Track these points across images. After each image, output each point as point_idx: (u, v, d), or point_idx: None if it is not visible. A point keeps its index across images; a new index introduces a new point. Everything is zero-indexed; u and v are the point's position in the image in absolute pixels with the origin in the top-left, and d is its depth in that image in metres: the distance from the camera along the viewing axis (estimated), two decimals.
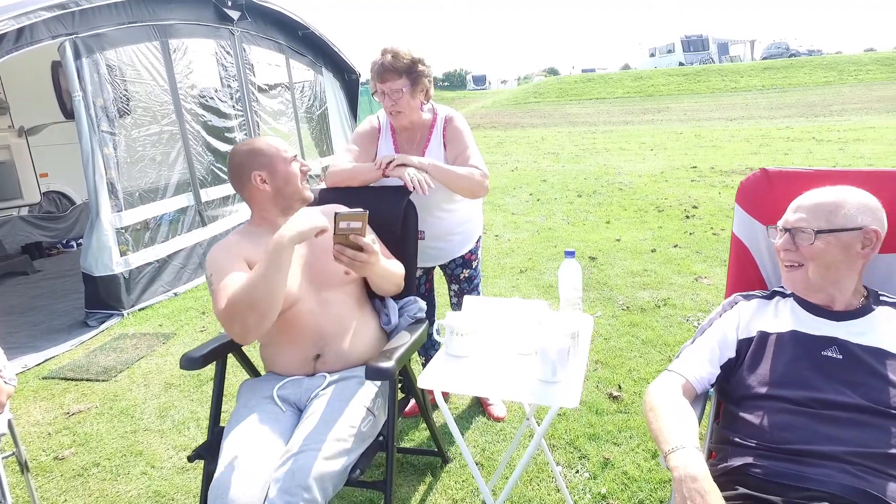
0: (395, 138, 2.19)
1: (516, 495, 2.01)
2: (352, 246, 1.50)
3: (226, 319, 1.48)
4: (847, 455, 1.09)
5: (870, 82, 19.86)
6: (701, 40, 35.50)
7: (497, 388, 1.35)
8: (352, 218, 1.47)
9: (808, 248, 1.28)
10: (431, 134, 2.15)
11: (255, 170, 1.67)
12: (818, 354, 1.23)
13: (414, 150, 2.15)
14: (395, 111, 2.04)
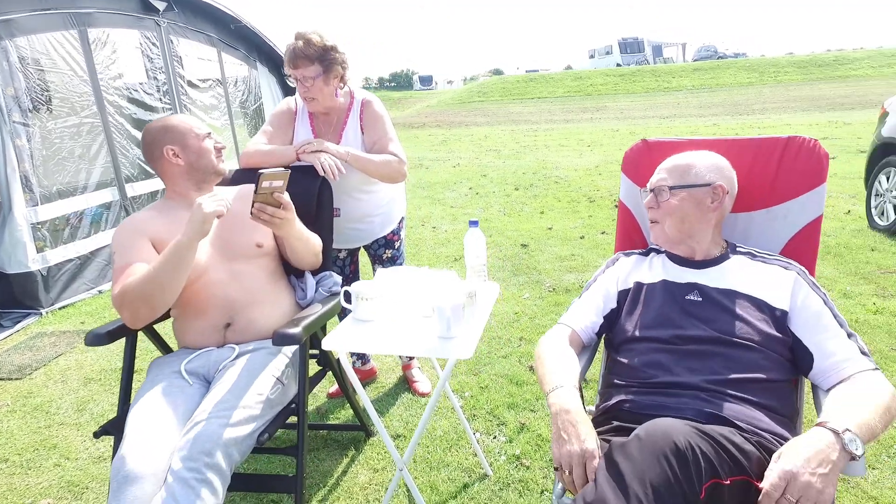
0: (312, 121, 2.21)
1: (436, 461, 2.08)
2: (272, 204, 1.55)
3: (117, 305, 1.53)
4: (702, 383, 1.22)
5: (787, 83, 21.27)
6: (637, 42, 36.96)
7: (398, 346, 1.42)
8: (274, 177, 1.51)
9: (665, 204, 1.42)
10: (348, 117, 2.18)
11: (168, 144, 1.69)
12: (682, 299, 1.37)
13: (331, 133, 2.18)
14: (309, 97, 2.06)
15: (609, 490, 0.94)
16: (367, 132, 2.17)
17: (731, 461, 1.01)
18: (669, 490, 0.91)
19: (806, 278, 1.35)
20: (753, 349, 1.26)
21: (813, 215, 1.45)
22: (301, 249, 1.77)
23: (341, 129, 2.18)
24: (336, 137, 2.16)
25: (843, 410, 1.07)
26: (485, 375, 2.69)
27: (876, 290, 3.38)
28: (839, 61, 22.85)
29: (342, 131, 2.17)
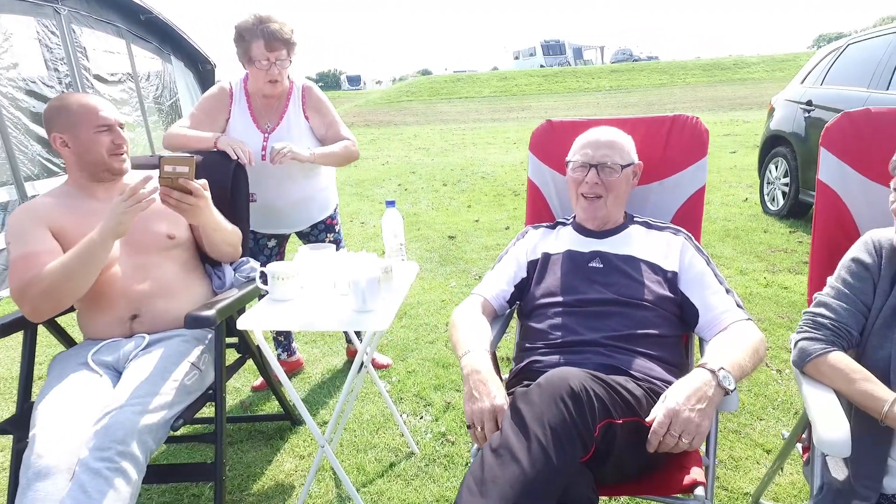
0: (250, 105, 2.18)
1: (363, 444, 2.10)
2: (180, 189, 1.50)
3: (16, 298, 1.45)
4: (601, 339, 1.32)
5: (694, 85, 22.78)
6: (559, 45, 38.33)
7: (314, 322, 1.43)
8: (177, 162, 1.47)
9: (611, 181, 1.51)
10: (289, 101, 2.19)
11: (56, 131, 1.57)
12: (586, 266, 1.47)
13: (271, 116, 2.18)
14: (277, 80, 2.07)
15: (512, 434, 1.01)
16: (317, 117, 2.21)
17: (623, 404, 1.10)
18: (566, 429, 0.98)
19: (692, 242, 1.49)
20: (648, 308, 1.38)
21: (698, 185, 1.60)
22: (218, 240, 1.73)
23: (282, 113, 2.18)
24: (276, 121, 2.17)
25: (718, 353, 1.20)
26: (412, 360, 2.73)
27: (767, 267, 3.71)
28: (738, 65, 24.80)
29: (282, 115, 2.18)
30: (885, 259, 1.16)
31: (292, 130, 2.17)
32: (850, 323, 1.16)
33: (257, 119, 2.16)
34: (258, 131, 2.15)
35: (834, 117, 1.41)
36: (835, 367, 1.11)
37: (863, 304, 1.16)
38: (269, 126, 2.17)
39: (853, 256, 1.20)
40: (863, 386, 1.07)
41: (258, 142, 2.13)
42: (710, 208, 5.34)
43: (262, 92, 2.13)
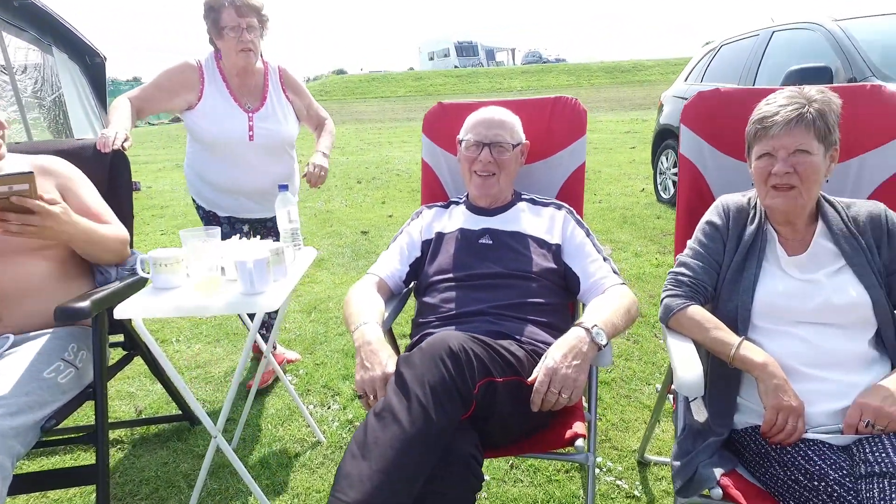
0: (227, 84, 2.08)
1: (267, 438, 2.05)
2: (18, 211, 1.33)
3: None
4: (488, 309, 1.37)
5: (599, 86, 24.02)
6: (472, 46, 39.04)
7: (199, 308, 1.37)
8: (12, 181, 1.31)
9: (503, 159, 1.56)
10: (268, 81, 2.14)
11: None
12: (476, 243, 1.52)
13: (251, 95, 2.11)
14: (248, 49, 1.98)
15: (394, 396, 1.02)
16: (295, 98, 2.21)
17: (504, 363, 1.15)
18: (445, 388, 1.02)
19: (573, 216, 1.58)
20: (534, 279, 1.44)
21: (578, 162, 1.70)
22: (94, 252, 1.58)
23: (264, 92, 2.13)
24: (258, 100, 2.11)
25: (593, 313, 1.28)
26: (320, 353, 2.69)
27: (659, 249, 4.00)
28: (637, 68, 26.47)
29: (265, 95, 2.13)
30: (731, 220, 1.29)
31: (277, 110, 2.12)
32: (705, 279, 1.28)
33: (238, 98, 2.08)
34: (241, 111, 2.07)
35: (691, 96, 1.55)
36: (692, 318, 1.23)
37: (715, 262, 1.29)
38: (250, 106, 2.09)
39: (706, 220, 1.33)
40: (714, 333, 1.19)
41: (243, 122, 2.06)
42: (610, 199, 5.67)
43: (235, 66, 2.04)
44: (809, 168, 1.16)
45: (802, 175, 1.16)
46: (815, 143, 1.15)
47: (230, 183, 2.16)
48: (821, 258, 1.20)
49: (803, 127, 1.15)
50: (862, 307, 1.15)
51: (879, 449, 1.01)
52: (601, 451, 1.88)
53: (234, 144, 2.07)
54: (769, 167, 1.19)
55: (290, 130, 2.18)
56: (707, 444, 1.15)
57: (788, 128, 1.16)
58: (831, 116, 1.16)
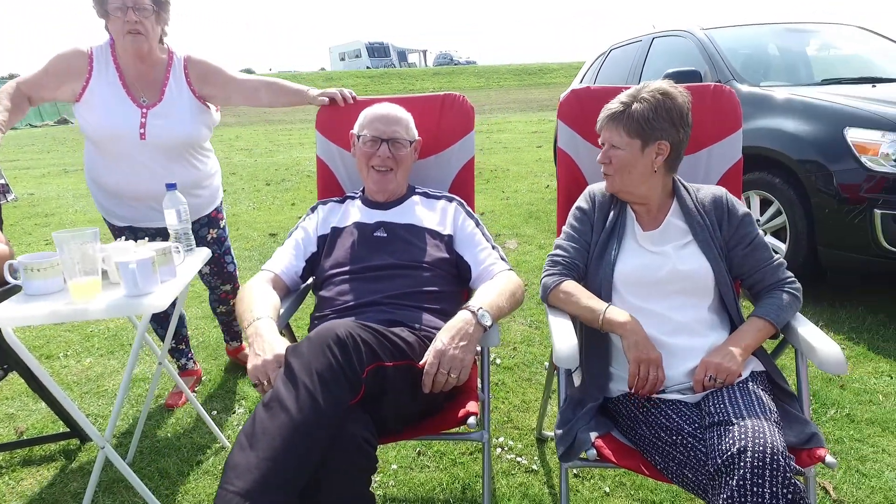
0: (121, 75, 1.86)
1: (166, 447, 1.97)
2: None
3: None
4: (382, 299, 1.42)
5: (507, 87, 24.86)
6: (383, 47, 38.96)
7: (78, 312, 1.31)
8: None
9: (401, 155, 1.60)
10: (169, 73, 1.92)
11: None
12: (371, 236, 1.56)
13: (149, 89, 1.89)
14: (137, 31, 1.76)
15: (282, 386, 1.04)
16: (207, 87, 1.96)
17: (393, 348, 1.20)
18: (333, 374, 1.05)
19: (464, 208, 1.65)
20: (427, 269, 1.50)
21: (468, 157, 1.79)
22: None
23: (162, 86, 1.90)
24: (156, 95, 1.89)
25: (480, 296, 1.36)
26: (225, 358, 2.61)
27: None
28: (543, 71, 27.67)
29: (164, 89, 1.90)
30: (597, 205, 1.43)
31: (177, 106, 1.90)
32: (577, 258, 1.41)
33: (131, 91, 1.86)
34: (134, 106, 1.85)
35: (565, 94, 1.68)
36: (567, 292, 1.35)
37: (585, 242, 1.42)
38: (146, 100, 1.88)
39: (576, 206, 1.47)
40: (585, 302, 1.31)
41: (135, 118, 1.84)
42: (517, 195, 5.90)
43: (126, 51, 1.83)
44: (618, 160, 1.35)
45: (615, 166, 1.36)
46: (627, 138, 1.32)
47: (123, 187, 1.93)
48: (671, 233, 1.36)
49: (615, 124, 1.34)
50: (704, 276, 1.31)
51: (719, 401, 1.16)
52: (503, 432, 1.99)
53: (124, 143, 1.85)
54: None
55: (192, 130, 1.93)
56: (585, 411, 1.26)
57: (605, 124, 1.37)
58: (651, 113, 1.30)
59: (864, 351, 2.42)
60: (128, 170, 1.90)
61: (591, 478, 1.73)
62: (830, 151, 2.62)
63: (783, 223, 2.88)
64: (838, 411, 2.01)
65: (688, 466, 1.11)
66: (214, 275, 2.27)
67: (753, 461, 0.99)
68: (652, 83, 1.35)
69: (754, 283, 1.35)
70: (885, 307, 2.79)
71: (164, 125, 1.87)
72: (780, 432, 1.07)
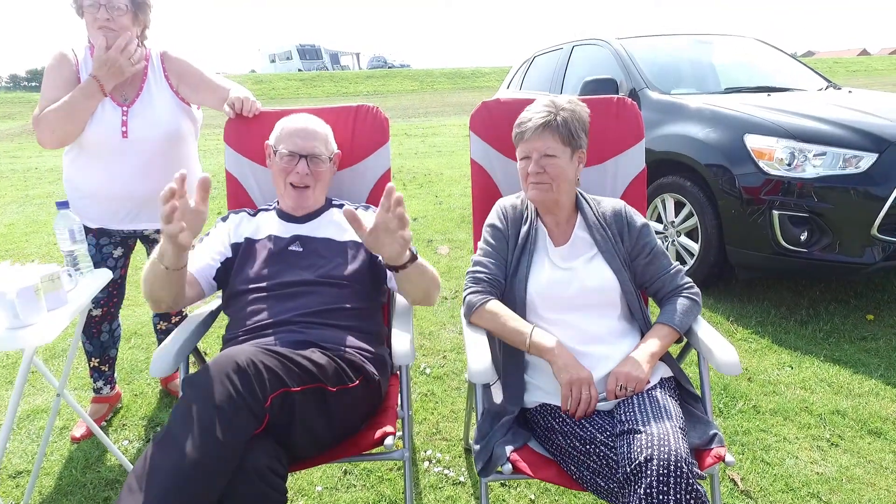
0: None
1: (68, 485, 1.82)
2: None
3: None
4: (294, 317, 1.37)
5: (442, 91, 25.01)
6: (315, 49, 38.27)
7: None
8: None
9: (319, 171, 1.56)
10: (147, 71, 1.87)
11: None
12: (286, 250, 1.50)
13: (126, 87, 1.83)
14: (108, 28, 1.72)
15: (178, 420, 0.98)
16: (182, 85, 1.91)
17: (301, 372, 1.16)
18: (233, 405, 1.00)
19: None
20: (343, 285, 1.46)
21: (384, 168, 1.76)
22: None
23: (140, 85, 1.83)
24: (134, 92, 1.84)
25: None
26: (140, 382, 2.46)
27: None
28: (476, 74, 28.07)
29: (141, 87, 1.83)
30: (510, 221, 1.44)
31: (156, 101, 1.85)
32: (499, 274, 1.41)
33: (109, 95, 1.80)
34: (114, 105, 1.81)
35: (475, 107, 1.69)
36: (491, 312, 1.34)
37: (503, 258, 1.42)
38: (125, 98, 1.83)
39: (490, 223, 1.47)
40: (510, 324, 1.31)
41: (116, 116, 1.80)
42: (450, 199, 5.92)
43: (99, 49, 1.74)
44: (556, 169, 1.35)
45: (552, 174, 1.35)
46: (561, 146, 1.33)
47: (98, 187, 1.88)
48: (579, 247, 1.39)
49: (549, 132, 1.34)
50: (610, 289, 1.35)
51: (629, 409, 1.19)
52: (432, 444, 1.97)
53: (107, 143, 1.81)
54: (527, 167, 1.36)
55: (173, 126, 1.88)
56: (501, 424, 1.27)
57: (538, 133, 1.34)
58: (575, 124, 1.35)
59: (769, 343, 2.58)
60: (106, 169, 1.85)
61: (518, 486, 1.75)
62: (733, 156, 2.79)
63: (695, 224, 3.03)
64: (745, 403, 2.14)
65: (600, 475, 1.14)
66: None
67: (659, 469, 1.03)
68: (559, 97, 1.38)
69: (656, 290, 1.41)
70: (785, 301, 3.00)
71: (146, 122, 1.83)
72: (684, 437, 1.11)
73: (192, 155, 2.03)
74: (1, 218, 5.96)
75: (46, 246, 4.80)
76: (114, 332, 2.15)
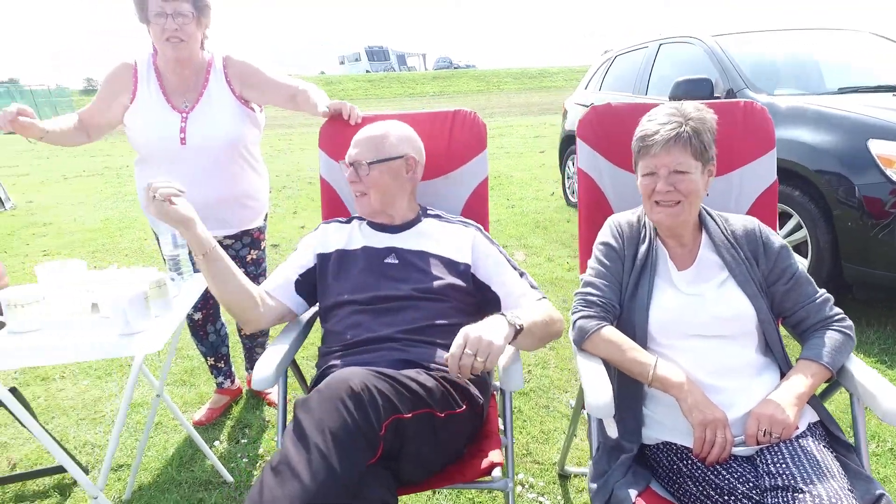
0: (161, 82, 1.81)
1: (165, 482, 1.87)
2: None
3: None
4: (395, 334, 1.31)
5: (507, 91, 24.82)
6: (382, 51, 38.98)
7: (64, 354, 1.21)
8: None
9: (367, 178, 1.48)
10: (209, 74, 1.85)
11: None
12: (381, 262, 1.45)
13: (188, 93, 1.83)
14: (178, 38, 1.71)
15: (291, 447, 0.94)
16: (248, 89, 1.89)
17: (412, 396, 1.09)
18: (348, 432, 0.94)
19: (482, 233, 1.55)
20: (441, 300, 1.39)
21: (481, 177, 1.68)
22: None
23: (202, 88, 1.83)
24: (195, 98, 1.83)
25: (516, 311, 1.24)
26: None
27: (570, 253, 4.12)
28: (543, 74, 27.63)
29: (203, 90, 1.83)
30: (626, 240, 1.32)
31: (215, 107, 1.83)
32: (613, 298, 1.29)
33: (171, 97, 1.82)
34: (173, 111, 1.81)
35: (584, 111, 1.58)
36: (608, 340, 1.22)
37: (617, 281, 1.30)
38: (186, 105, 1.83)
39: (603, 241, 1.35)
40: (631, 355, 1.19)
41: (174, 123, 1.80)
42: (522, 203, 5.80)
43: (165, 57, 1.78)
44: (688, 185, 1.20)
45: (684, 192, 1.21)
46: (693, 161, 1.20)
47: None
48: (706, 270, 1.25)
49: (680, 146, 1.19)
50: (746, 318, 1.20)
51: (780, 460, 1.05)
52: (523, 467, 1.88)
53: (166, 150, 1.81)
54: (652, 185, 1.23)
55: (232, 131, 1.86)
56: (620, 462, 1.16)
57: (667, 147, 1.19)
58: (706, 134, 1.21)
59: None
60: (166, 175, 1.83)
61: None
62: (853, 163, 2.52)
63: (804, 237, 2.78)
64: (879, 445, 1.91)
65: None
66: None
67: None
68: (684, 103, 1.25)
69: (799, 321, 1.24)
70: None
71: (204, 128, 1.82)
72: (857, 502, 0.96)
73: (253, 158, 2.01)
74: (97, 213, 6.37)
75: (138, 241, 5.07)
76: (219, 332, 2.23)
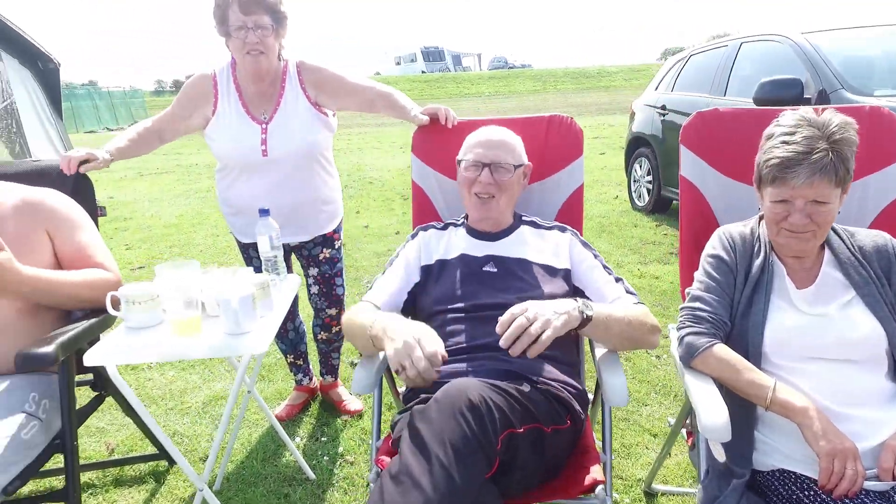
0: (241, 95, 1.86)
1: (251, 476, 1.93)
2: None
3: None
4: (495, 343, 1.29)
5: (565, 91, 24.44)
6: (438, 52, 39.23)
7: (179, 351, 1.26)
8: None
9: (504, 181, 1.48)
10: (284, 83, 1.86)
11: None
12: (480, 270, 1.44)
13: (265, 104, 1.85)
14: (258, 50, 1.74)
15: (411, 457, 0.94)
16: (322, 94, 1.89)
17: (522, 410, 1.08)
18: (467, 445, 0.94)
19: (578, 238, 1.52)
20: None
21: (577, 184, 1.65)
22: (58, 303, 1.43)
23: (278, 98, 1.85)
24: (272, 108, 1.85)
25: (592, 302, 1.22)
26: None
27: (639, 259, 4.00)
28: (602, 74, 27.05)
29: (279, 100, 1.86)
30: (738, 254, 1.25)
31: (292, 116, 1.85)
32: (723, 314, 1.22)
33: (251, 109, 1.85)
34: (253, 123, 1.84)
35: (689, 117, 1.51)
36: (721, 359, 1.16)
37: (728, 297, 1.24)
38: (265, 115, 1.85)
39: (713, 254, 1.28)
40: (747, 375, 1.13)
41: (255, 135, 1.83)
42: (586, 206, 5.58)
43: (245, 70, 1.81)
44: (827, 217, 1.13)
45: (819, 223, 1.13)
46: (833, 189, 1.11)
47: (244, 204, 1.91)
48: (830, 290, 1.17)
49: (824, 176, 1.10)
50: (876, 341, 1.12)
51: None
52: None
53: (249, 162, 1.85)
54: (784, 213, 1.14)
55: (310, 139, 1.87)
56: (732, 488, 1.10)
57: (811, 181, 1.10)
58: (850, 154, 1.12)
59: None
60: (249, 186, 1.89)
61: None
62: None
63: None
64: None
65: None
66: (322, 296, 2.17)
67: None
68: (819, 115, 1.16)
69: None
70: None
71: (284, 139, 1.84)
72: None
73: (327, 162, 2.02)
74: (171, 209, 6.69)
75: (211, 237, 5.29)
76: (298, 329, 2.27)
